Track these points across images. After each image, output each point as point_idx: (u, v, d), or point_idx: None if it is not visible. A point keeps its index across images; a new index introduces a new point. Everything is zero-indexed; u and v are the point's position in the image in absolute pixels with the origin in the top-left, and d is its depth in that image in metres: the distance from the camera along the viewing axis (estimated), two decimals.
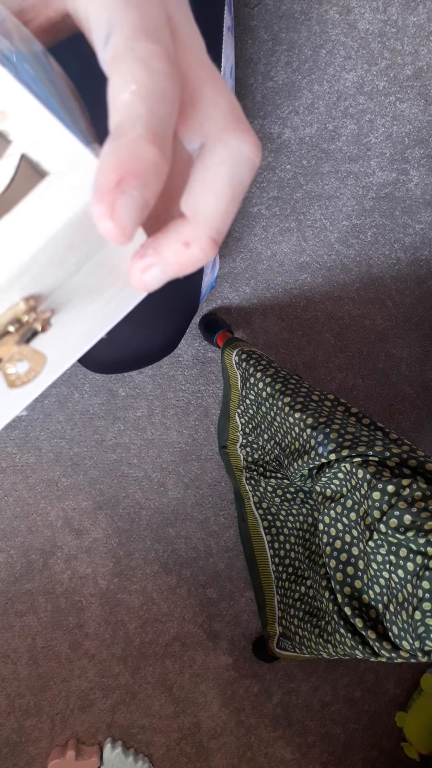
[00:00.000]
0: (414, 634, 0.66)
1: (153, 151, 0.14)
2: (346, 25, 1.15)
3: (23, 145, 0.16)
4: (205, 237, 0.16)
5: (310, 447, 0.81)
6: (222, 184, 0.16)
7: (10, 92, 0.15)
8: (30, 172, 0.16)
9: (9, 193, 0.16)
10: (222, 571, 1.25)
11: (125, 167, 0.14)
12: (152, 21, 0.16)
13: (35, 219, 0.15)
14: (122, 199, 0.14)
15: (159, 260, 0.16)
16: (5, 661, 1.20)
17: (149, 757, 1.24)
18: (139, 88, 0.14)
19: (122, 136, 0.14)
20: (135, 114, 0.14)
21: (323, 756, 1.32)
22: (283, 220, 1.21)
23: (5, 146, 0.16)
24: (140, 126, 0.14)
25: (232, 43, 0.53)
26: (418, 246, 1.26)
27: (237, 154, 0.16)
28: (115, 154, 0.14)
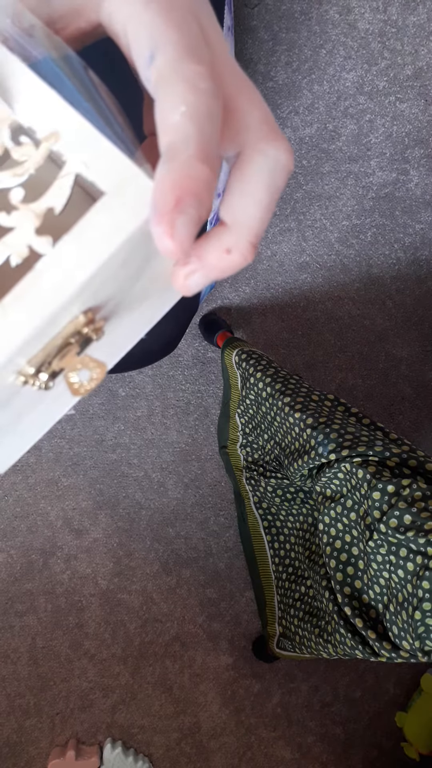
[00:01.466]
0: (414, 634, 0.66)
1: (205, 170, 0.15)
2: (346, 25, 1.15)
3: (77, 166, 0.16)
4: (246, 243, 0.17)
5: (310, 447, 0.81)
6: (261, 192, 0.17)
7: (60, 113, 0.16)
8: (85, 191, 0.17)
9: (66, 212, 0.16)
10: (222, 571, 1.25)
11: (181, 188, 0.15)
12: (193, 39, 0.16)
13: (94, 239, 0.16)
14: (181, 219, 0.15)
15: (202, 266, 0.17)
16: (5, 661, 1.20)
17: (149, 757, 1.24)
18: (188, 109, 0.15)
19: (176, 158, 0.15)
20: (185, 135, 0.15)
21: (323, 756, 1.31)
22: (283, 220, 1.21)
23: (60, 166, 0.16)
24: (192, 146, 0.15)
25: (232, 43, 0.53)
26: (418, 246, 1.26)
27: (273, 162, 0.17)
28: (171, 175, 0.15)
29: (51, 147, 0.16)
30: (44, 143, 0.16)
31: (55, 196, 0.16)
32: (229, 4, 0.50)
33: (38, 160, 0.16)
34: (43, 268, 0.16)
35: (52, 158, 0.17)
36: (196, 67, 0.16)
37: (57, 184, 0.16)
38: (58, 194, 0.16)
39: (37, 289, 0.16)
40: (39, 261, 0.16)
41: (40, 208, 0.16)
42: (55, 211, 0.16)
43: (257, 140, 0.17)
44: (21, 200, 0.16)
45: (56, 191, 0.16)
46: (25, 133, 0.16)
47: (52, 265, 0.16)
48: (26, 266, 0.16)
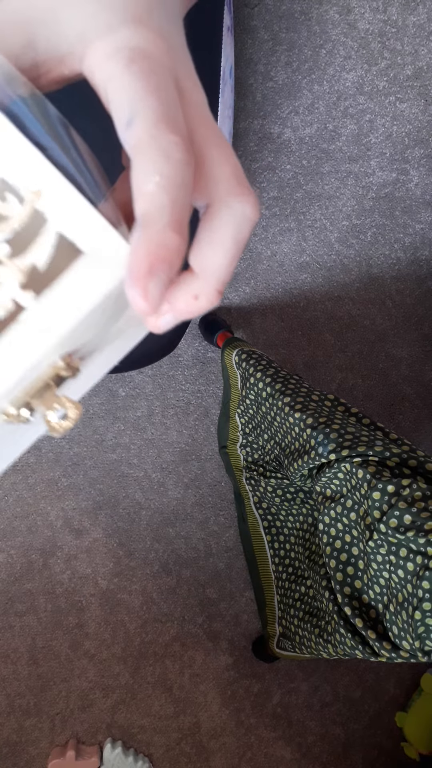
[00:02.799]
0: (414, 634, 0.66)
1: (176, 239, 0.16)
2: (346, 25, 1.15)
3: (58, 224, 0.18)
4: (212, 289, 0.18)
5: (310, 447, 0.81)
6: (227, 243, 0.18)
7: (43, 173, 0.17)
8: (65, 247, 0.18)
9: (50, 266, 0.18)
10: (222, 571, 1.25)
11: (155, 256, 0.16)
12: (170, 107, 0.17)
13: (74, 296, 0.17)
14: (153, 282, 0.16)
15: (172, 310, 0.19)
16: (5, 661, 1.20)
17: (149, 757, 1.24)
18: (162, 179, 0.16)
19: (149, 227, 0.16)
20: (159, 204, 0.16)
21: (323, 756, 1.31)
22: (283, 220, 1.21)
23: (42, 224, 0.18)
24: (165, 216, 0.16)
25: (231, 43, 0.53)
26: (418, 246, 1.26)
27: (240, 215, 0.18)
28: (145, 245, 0.16)
29: (34, 205, 0.17)
30: (28, 202, 0.17)
31: (38, 253, 0.18)
32: (229, 4, 0.50)
33: (23, 219, 0.17)
34: (25, 320, 0.17)
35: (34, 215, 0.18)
36: (172, 137, 0.16)
37: (40, 242, 0.18)
38: (41, 252, 0.18)
39: (20, 341, 0.17)
40: (22, 313, 0.17)
41: (25, 264, 0.18)
42: (38, 269, 0.18)
43: (226, 194, 0.18)
44: (7, 255, 0.17)
45: (39, 249, 0.18)
46: (9, 189, 0.17)
47: (34, 319, 0.17)
48: (11, 318, 0.17)
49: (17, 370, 0.17)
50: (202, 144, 0.18)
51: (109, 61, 0.18)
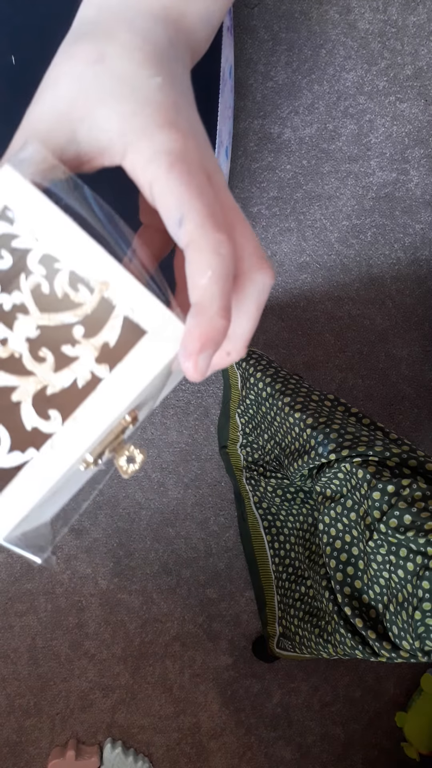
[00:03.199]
0: (414, 634, 0.66)
1: (224, 324, 0.20)
2: (346, 25, 1.15)
3: (124, 309, 0.21)
4: (240, 347, 0.23)
5: (310, 447, 0.81)
6: (252, 312, 0.22)
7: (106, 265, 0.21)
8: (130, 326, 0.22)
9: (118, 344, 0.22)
10: (222, 571, 1.25)
11: (206, 338, 0.19)
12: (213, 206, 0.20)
13: (140, 367, 0.21)
14: (202, 357, 0.20)
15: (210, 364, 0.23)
16: (5, 661, 1.20)
17: (149, 757, 1.24)
18: (213, 274, 0.19)
19: (203, 314, 0.19)
20: (211, 295, 0.19)
21: (323, 756, 1.31)
22: (283, 220, 1.21)
23: (111, 309, 0.21)
24: (216, 305, 0.19)
25: (231, 43, 0.53)
26: (418, 246, 1.26)
27: (262, 286, 0.22)
28: (198, 328, 0.19)
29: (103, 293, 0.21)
30: (97, 291, 0.21)
31: (109, 333, 0.22)
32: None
33: (94, 305, 0.21)
34: (103, 389, 0.21)
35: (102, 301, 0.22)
36: (219, 236, 0.20)
37: (110, 324, 0.22)
38: (111, 332, 0.22)
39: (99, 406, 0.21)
40: (100, 383, 0.21)
41: (98, 342, 0.22)
42: (110, 346, 0.22)
43: (250, 269, 0.22)
44: (82, 335, 0.21)
45: (109, 330, 0.22)
46: (80, 280, 0.21)
47: (110, 387, 0.21)
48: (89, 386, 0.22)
49: (98, 430, 0.21)
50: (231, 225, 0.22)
51: (151, 164, 0.20)
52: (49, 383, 0.21)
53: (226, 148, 0.60)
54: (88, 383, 0.21)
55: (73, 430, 0.21)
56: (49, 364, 0.21)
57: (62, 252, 0.21)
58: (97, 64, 0.22)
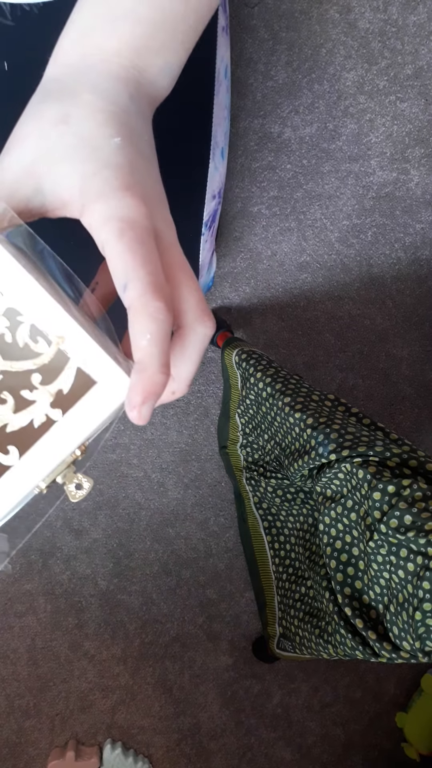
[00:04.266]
0: (414, 635, 0.66)
1: (164, 378, 0.22)
2: (346, 24, 1.15)
3: (77, 361, 0.24)
4: (185, 387, 0.26)
5: (310, 447, 0.81)
6: (195, 356, 0.25)
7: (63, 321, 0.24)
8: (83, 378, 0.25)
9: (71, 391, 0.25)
10: (222, 572, 1.25)
11: (147, 392, 0.22)
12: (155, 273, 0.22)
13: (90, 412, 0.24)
14: (145, 407, 0.22)
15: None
16: (5, 661, 1.20)
17: (149, 757, 1.24)
18: (152, 337, 0.22)
19: (144, 371, 0.22)
20: (150, 355, 0.22)
21: (323, 756, 1.31)
22: (283, 219, 1.21)
23: (66, 361, 0.24)
24: (155, 363, 0.22)
25: (227, 43, 0.53)
26: (418, 245, 1.26)
27: (202, 336, 0.25)
28: (141, 384, 0.22)
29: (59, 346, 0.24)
30: (54, 344, 0.24)
31: (63, 381, 0.24)
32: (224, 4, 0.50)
33: (51, 355, 0.24)
34: (56, 430, 0.25)
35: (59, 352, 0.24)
36: (158, 304, 0.22)
37: (64, 374, 0.24)
38: (65, 380, 0.24)
39: (52, 444, 0.25)
40: (53, 425, 0.25)
41: (53, 389, 0.24)
42: (63, 392, 0.25)
43: (192, 321, 0.25)
44: (39, 382, 0.24)
45: (64, 378, 0.24)
46: (40, 334, 0.24)
47: (62, 429, 0.25)
48: (44, 427, 0.25)
49: (50, 464, 0.25)
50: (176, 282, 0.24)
51: (104, 227, 0.22)
52: (9, 422, 0.25)
53: (222, 149, 0.60)
54: (43, 424, 0.25)
55: (29, 464, 0.25)
56: (9, 406, 0.24)
57: (24, 306, 0.24)
58: (62, 124, 0.24)
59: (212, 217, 0.67)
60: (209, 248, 0.74)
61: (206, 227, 0.66)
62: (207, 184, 0.59)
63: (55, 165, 0.23)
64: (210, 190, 0.60)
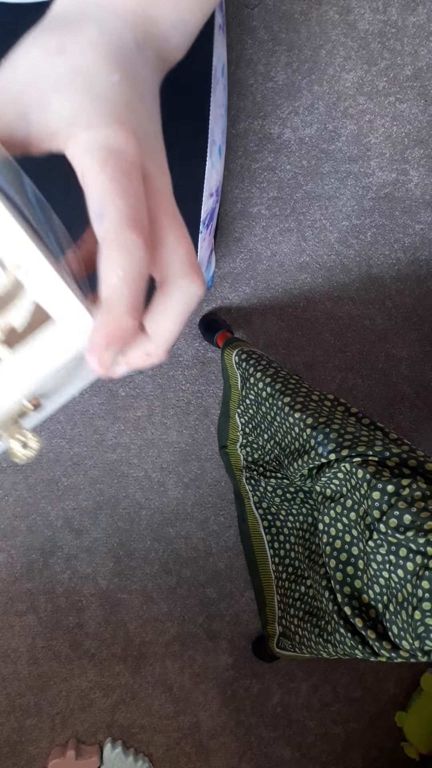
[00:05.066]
0: (414, 634, 0.66)
1: (131, 323, 0.20)
2: (345, 25, 1.15)
3: (35, 295, 0.21)
4: (161, 350, 0.23)
5: (310, 447, 0.81)
6: (177, 315, 0.22)
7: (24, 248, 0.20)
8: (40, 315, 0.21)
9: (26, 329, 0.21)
10: (222, 571, 1.25)
11: (112, 335, 0.19)
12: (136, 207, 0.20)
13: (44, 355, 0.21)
14: (107, 353, 0.20)
15: (126, 363, 0.23)
16: (5, 660, 1.20)
17: (149, 756, 1.24)
18: (123, 274, 0.19)
19: (111, 312, 0.19)
20: (119, 294, 0.19)
21: (323, 755, 1.32)
22: (283, 220, 1.21)
23: (21, 291, 0.21)
24: (124, 304, 0.19)
25: (223, 42, 0.53)
26: (417, 246, 1.27)
27: (189, 294, 0.22)
28: (106, 326, 0.19)
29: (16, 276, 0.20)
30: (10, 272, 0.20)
31: (15, 317, 0.21)
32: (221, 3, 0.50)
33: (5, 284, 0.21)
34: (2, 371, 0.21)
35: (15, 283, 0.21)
36: (135, 238, 0.19)
37: (18, 306, 0.21)
38: (18, 316, 0.21)
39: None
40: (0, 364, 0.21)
41: (3, 323, 0.21)
42: (17, 329, 0.21)
43: (178, 275, 0.22)
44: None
45: (17, 313, 0.21)
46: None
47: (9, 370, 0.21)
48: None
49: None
50: (163, 229, 0.22)
51: (87, 155, 0.20)
52: None
53: (219, 147, 0.60)
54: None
55: None
56: None
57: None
58: (58, 54, 0.22)
59: (210, 216, 0.68)
60: (207, 247, 0.74)
61: (204, 226, 0.66)
62: (204, 182, 0.59)
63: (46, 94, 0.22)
64: (207, 188, 0.61)
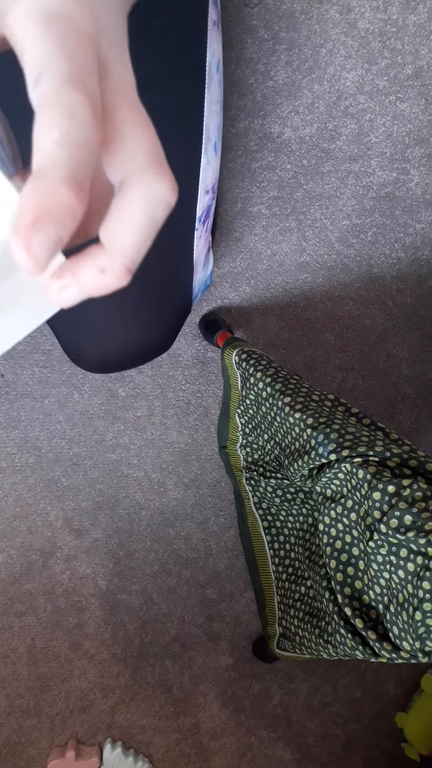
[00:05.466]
0: (414, 635, 0.66)
1: (69, 195, 0.15)
2: (346, 24, 1.15)
3: None
4: (120, 266, 0.18)
5: (310, 447, 0.81)
6: (138, 220, 0.17)
7: None
8: None
9: None
10: (222, 572, 1.25)
11: (42, 208, 0.15)
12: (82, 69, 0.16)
13: None
14: (37, 236, 0.15)
15: (76, 282, 0.18)
16: (5, 661, 1.20)
17: (149, 757, 1.24)
18: (61, 136, 0.15)
19: (41, 179, 0.15)
20: (55, 159, 0.15)
21: (323, 757, 1.31)
22: (283, 219, 1.21)
23: None
24: (59, 171, 0.15)
25: (218, 38, 0.52)
26: (418, 245, 1.26)
27: (154, 194, 0.18)
28: (34, 196, 0.15)
29: None
30: None
31: None
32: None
33: None
34: None
35: None
36: (77, 96, 0.16)
37: None
38: None
39: None
40: None
41: None
42: None
43: (141, 171, 0.18)
44: None
45: None
46: None
47: None
48: None
49: None
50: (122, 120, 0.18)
51: (27, 20, 0.17)
52: None
53: (214, 143, 0.60)
54: None
55: None
56: None
57: None
58: None
59: (206, 213, 0.67)
60: (204, 244, 0.74)
61: (200, 222, 0.66)
62: (200, 179, 0.59)
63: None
64: (203, 185, 0.60)
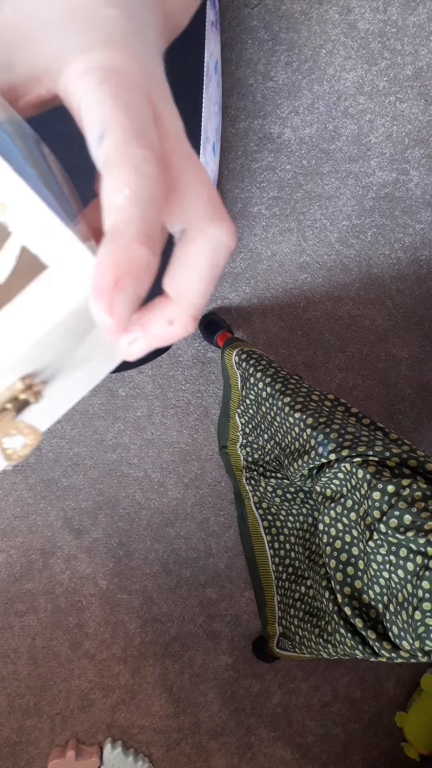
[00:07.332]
0: (414, 634, 0.66)
1: (145, 252, 0.16)
2: (346, 25, 1.15)
3: (22, 238, 0.16)
4: (187, 316, 0.18)
5: (310, 447, 0.81)
6: (202, 269, 0.18)
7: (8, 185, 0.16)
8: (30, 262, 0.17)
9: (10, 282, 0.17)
10: (222, 571, 1.25)
11: (121, 268, 0.15)
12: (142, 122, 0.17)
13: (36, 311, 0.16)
14: (119, 297, 0.15)
15: (144, 335, 0.18)
16: (5, 661, 1.20)
17: (149, 757, 1.24)
18: (132, 193, 0.16)
19: (117, 239, 0.16)
20: (128, 217, 0.16)
21: (323, 756, 1.31)
22: (283, 220, 1.21)
23: (5, 237, 0.16)
24: (133, 229, 0.16)
25: (216, 38, 0.52)
26: (418, 246, 1.26)
27: (216, 241, 0.18)
28: (112, 256, 0.15)
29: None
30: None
31: None
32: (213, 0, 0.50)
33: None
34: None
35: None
36: (142, 152, 0.16)
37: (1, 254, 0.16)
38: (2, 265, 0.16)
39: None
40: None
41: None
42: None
43: (201, 219, 0.18)
44: None
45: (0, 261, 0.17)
46: None
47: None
48: None
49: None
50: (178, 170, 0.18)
51: (82, 80, 0.18)
52: None
53: (212, 144, 0.60)
54: None
55: None
56: None
57: None
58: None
59: None
60: None
61: None
62: None
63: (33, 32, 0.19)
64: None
